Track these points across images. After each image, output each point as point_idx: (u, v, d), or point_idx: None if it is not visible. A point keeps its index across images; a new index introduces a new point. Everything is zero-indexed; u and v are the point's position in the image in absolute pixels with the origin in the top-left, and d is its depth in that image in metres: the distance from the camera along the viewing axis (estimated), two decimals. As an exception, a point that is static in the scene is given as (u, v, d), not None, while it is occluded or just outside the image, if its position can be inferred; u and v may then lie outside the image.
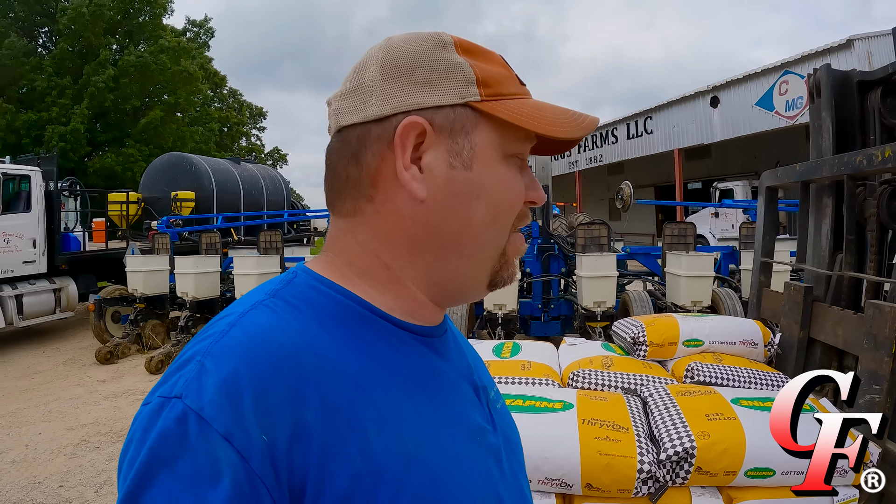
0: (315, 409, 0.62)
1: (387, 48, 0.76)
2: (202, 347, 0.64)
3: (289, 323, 0.68)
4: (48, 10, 28.86)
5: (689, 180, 26.71)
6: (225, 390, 0.59)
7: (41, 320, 10.84)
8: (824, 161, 3.42)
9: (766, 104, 18.07)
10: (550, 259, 8.78)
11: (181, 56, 30.58)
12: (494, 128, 0.75)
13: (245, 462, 0.57)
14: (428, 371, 0.77)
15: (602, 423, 2.25)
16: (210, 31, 36.64)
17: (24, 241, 10.33)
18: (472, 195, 0.74)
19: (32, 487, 4.92)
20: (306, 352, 0.65)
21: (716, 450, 2.16)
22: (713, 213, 19.41)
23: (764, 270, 4.13)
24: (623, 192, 9.17)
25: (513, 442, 0.90)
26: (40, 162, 11.38)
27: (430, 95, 0.73)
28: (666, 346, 3.20)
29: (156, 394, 0.62)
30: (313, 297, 0.73)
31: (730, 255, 9.12)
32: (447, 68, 0.74)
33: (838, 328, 3.14)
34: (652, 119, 24.93)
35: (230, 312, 0.70)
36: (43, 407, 7.09)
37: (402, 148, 0.72)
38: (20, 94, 28.09)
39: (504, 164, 0.77)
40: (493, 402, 0.89)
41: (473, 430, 0.78)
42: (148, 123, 29.54)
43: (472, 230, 0.75)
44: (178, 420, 0.58)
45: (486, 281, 0.80)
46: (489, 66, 0.77)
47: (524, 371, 2.87)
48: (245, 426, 0.58)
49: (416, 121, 0.72)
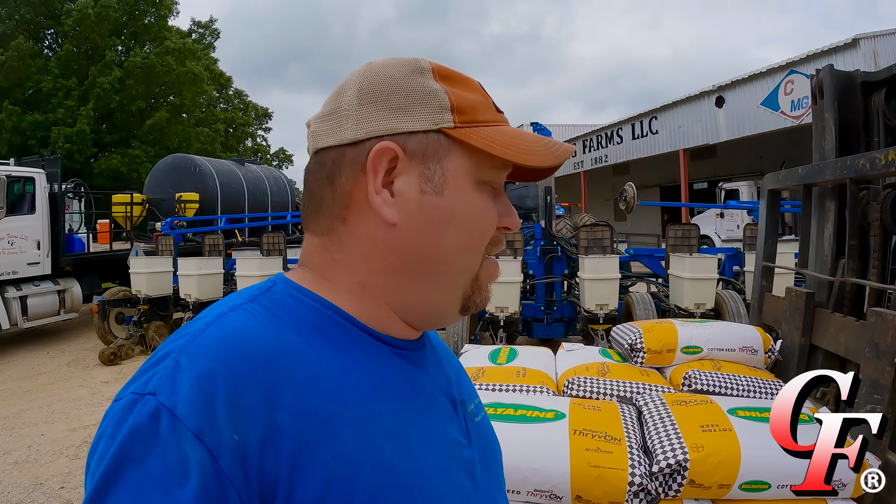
0: (289, 412, 0.62)
1: (365, 73, 0.77)
2: (178, 345, 0.64)
3: (265, 327, 0.68)
4: (54, 11, 29.03)
5: (694, 181, 26.65)
6: (198, 388, 0.59)
7: (45, 321, 10.84)
8: (827, 164, 3.37)
9: (772, 104, 17.99)
10: (553, 261, 8.71)
11: (186, 57, 30.75)
12: (467, 154, 0.76)
13: (214, 461, 0.57)
14: (405, 381, 0.77)
15: (594, 434, 2.20)
16: (215, 32, 36.82)
17: (28, 243, 10.33)
18: (444, 221, 0.75)
19: (34, 489, 4.94)
20: (282, 355, 0.65)
21: (710, 462, 2.11)
22: (718, 213, 19.34)
23: (766, 275, 4.07)
24: (626, 194, 9.10)
25: (490, 457, 0.89)
26: (44, 164, 11.38)
27: (404, 121, 0.74)
28: (664, 353, 3.15)
29: (128, 390, 0.62)
30: (291, 304, 0.73)
31: (734, 256, 9.00)
32: (423, 94, 0.75)
33: (840, 335, 3.08)
34: (657, 119, 24.88)
35: (207, 314, 0.70)
36: (46, 408, 7.10)
37: (373, 172, 0.73)
38: (26, 95, 28.23)
39: (476, 190, 0.77)
40: (471, 415, 0.89)
41: (448, 443, 0.78)
42: (154, 124, 29.71)
43: (444, 255, 0.76)
44: (150, 417, 0.58)
45: (458, 306, 0.80)
46: (465, 93, 0.78)
47: (519, 378, 2.83)
48: (216, 425, 0.58)
49: (388, 146, 0.73)
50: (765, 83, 18.40)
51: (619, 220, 27.84)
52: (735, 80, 19.78)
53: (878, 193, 3.18)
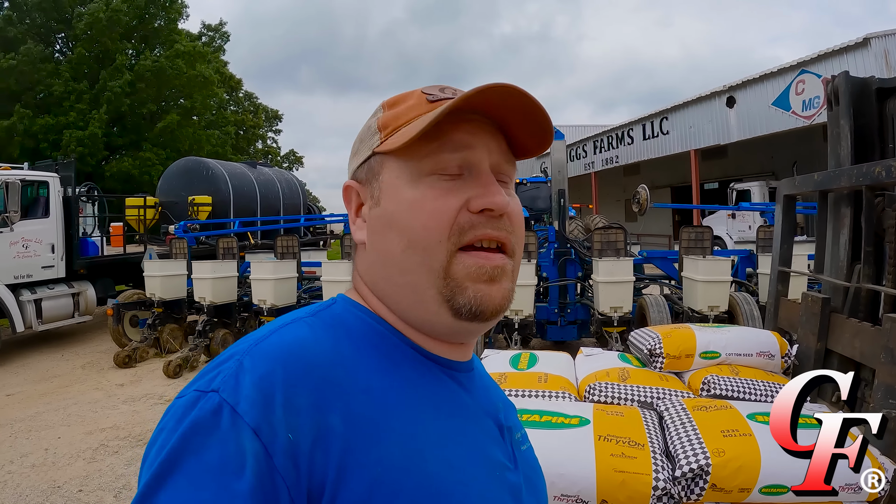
0: (339, 416, 0.66)
1: None
2: (242, 349, 0.69)
3: (323, 339, 0.73)
4: (64, 16, 29.17)
5: (705, 181, 26.52)
6: (259, 388, 0.63)
7: (60, 324, 10.91)
8: (843, 171, 3.40)
9: (783, 104, 17.89)
10: (567, 263, 8.74)
11: (197, 60, 30.83)
12: (397, 159, 0.81)
13: (269, 457, 0.60)
14: (452, 400, 0.80)
15: (618, 440, 2.26)
16: (225, 35, 36.90)
17: (42, 247, 10.43)
18: (385, 227, 0.80)
19: (52, 491, 4.97)
20: (337, 365, 0.70)
21: (731, 467, 2.16)
22: (730, 214, 19.20)
23: (781, 280, 4.10)
24: (640, 196, 9.10)
25: (536, 485, 0.91)
26: (58, 168, 11.45)
27: (356, 161, 0.87)
28: (682, 359, 3.19)
29: (192, 388, 0.66)
30: (349, 320, 0.79)
31: (747, 258, 9.00)
32: (365, 133, 0.87)
33: (856, 340, 3.13)
34: (668, 120, 24.75)
35: (272, 325, 0.75)
36: (62, 411, 7.14)
37: (347, 206, 0.88)
38: (37, 99, 28.36)
39: (413, 187, 0.79)
40: (517, 443, 0.91)
41: (493, 464, 0.79)
42: (164, 127, 29.83)
43: (394, 258, 0.79)
44: (213, 411, 0.62)
45: (444, 310, 0.78)
46: (397, 109, 0.84)
47: (541, 384, 2.88)
48: (273, 423, 0.62)
49: (348, 184, 0.88)
50: (776, 83, 18.30)
51: (630, 221, 27.79)
52: (746, 80, 19.67)
53: (893, 200, 3.22)
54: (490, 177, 0.80)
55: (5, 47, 26.68)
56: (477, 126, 0.80)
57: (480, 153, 0.80)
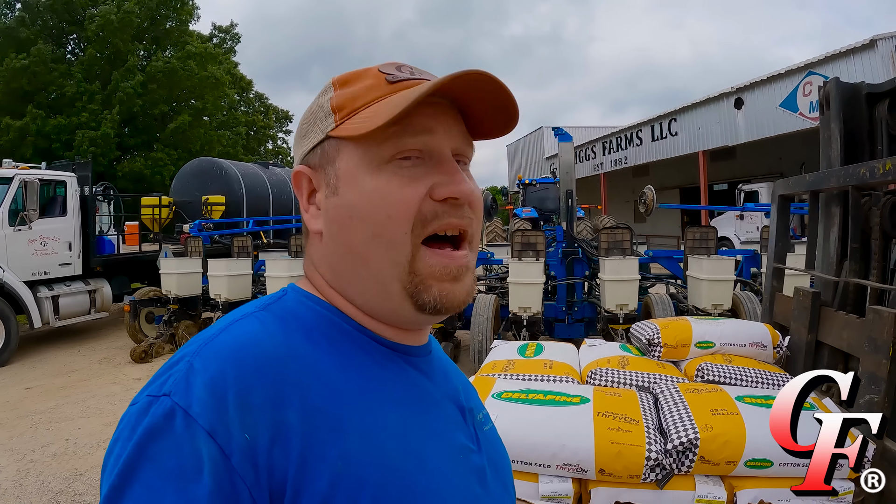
0: (297, 411, 0.65)
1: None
2: (192, 350, 0.67)
3: (275, 333, 0.71)
4: (76, 17, 29.33)
5: (714, 182, 26.55)
6: (211, 389, 0.62)
7: (76, 320, 11.15)
8: (832, 172, 3.58)
9: (790, 105, 17.92)
10: (574, 262, 8.85)
11: (208, 62, 30.96)
12: (354, 145, 0.77)
13: (226, 458, 0.60)
14: (412, 387, 0.79)
15: (615, 416, 2.47)
16: (236, 36, 37.03)
17: (60, 244, 10.65)
18: (345, 217, 0.77)
19: (74, 479, 5.10)
20: (290, 359, 0.69)
21: (718, 441, 2.37)
22: (738, 215, 19.27)
23: (776, 276, 4.29)
24: (646, 197, 9.23)
25: (499, 465, 0.90)
26: (75, 167, 11.68)
27: (307, 144, 0.82)
28: (679, 348, 3.39)
29: (144, 393, 0.65)
30: (300, 311, 0.77)
31: (751, 258, 9.15)
32: (316, 113, 0.82)
33: (843, 332, 3.30)
34: (676, 121, 24.81)
35: (221, 322, 0.73)
36: (81, 403, 7.28)
37: (298, 194, 0.83)
38: (49, 99, 28.60)
39: (373, 175, 0.76)
40: (479, 423, 0.91)
41: (456, 448, 0.80)
42: (176, 128, 29.92)
43: (357, 250, 0.77)
44: (165, 416, 0.60)
45: (408, 304, 0.77)
46: (353, 87, 0.79)
47: (546, 370, 3.09)
48: (227, 424, 0.61)
49: (297, 170, 0.83)
50: (783, 85, 18.35)
51: (638, 221, 27.83)
52: (754, 81, 19.73)
53: (878, 200, 3.40)
54: (453, 163, 0.78)
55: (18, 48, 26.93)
56: (439, 109, 0.77)
57: (442, 138, 0.78)
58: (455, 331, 8.50)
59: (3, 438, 6.24)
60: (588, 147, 32.93)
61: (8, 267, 9.83)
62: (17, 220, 9.99)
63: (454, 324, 8.29)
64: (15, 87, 26.79)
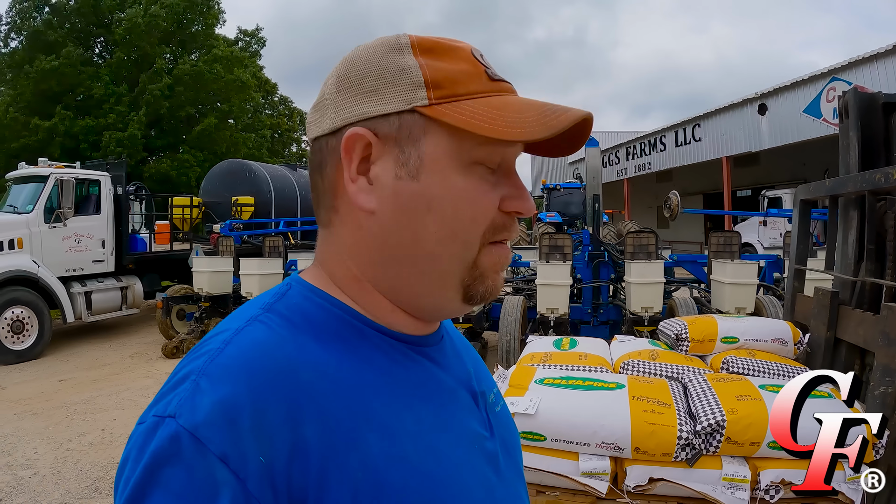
0: (314, 425, 0.62)
1: (345, 58, 0.75)
2: (197, 366, 0.63)
3: (284, 338, 0.67)
4: (103, 20, 29.80)
5: (737, 188, 26.49)
6: (221, 411, 0.58)
7: (108, 316, 11.59)
8: (849, 178, 3.76)
9: (814, 111, 17.91)
10: (600, 266, 9.01)
11: (234, 65, 31.33)
12: (448, 134, 0.70)
13: (242, 483, 0.57)
14: (425, 380, 0.77)
15: (649, 400, 2.71)
16: (261, 40, 37.42)
17: (93, 242, 11.12)
18: (421, 208, 0.71)
19: (112, 467, 5.27)
20: (303, 367, 0.65)
21: (742, 423, 2.58)
22: (761, 221, 19.17)
23: (797, 277, 4.48)
24: (671, 202, 9.35)
25: (510, 446, 0.89)
26: (109, 167, 12.15)
27: (374, 104, 0.71)
28: (705, 342, 3.61)
29: (150, 412, 0.61)
30: (308, 308, 0.73)
31: (774, 263, 9.26)
32: (394, 73, 0.71)
33: (859, 328, 3.46)
34: (700, 126, 24.85)
35: (225, 328, 0.69)
36: (115, 396, 7.56)
37: (347, 160, 0.72)
38: (77, 101, 29.08)
39: (463, 173, 0.72)
40: (491, 405, 0.89)
41: (471, 437, 0.78)
42: (202, 130, 30.20)
43: (426, 245, 0.72)
44: (171, 439, 0.57)
45: (458, 296, 0.76)
46: (448, 65, 0.72)
47: (581, 360, 3.33)
48: (242, 448, 0.57)
49: (357, 132, 0.71)
50: (807, 90, 18.35)
51: (662, 227, 27.82)
52: (777, 87, 19.72)
53: (893, 204, 3.59)
54: (519, 178, 0.78)
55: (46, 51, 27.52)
56: None
57: (515, 151, 0.76)
58: (483, 331, 8.68)
59: (40, 427, 6.46)
60: (612, 152, 32.94)
61: (43, 263, 10.21)
62: (52, 217, 10.40)
63: (482, 324, 8.46)
64: (44, 88, 27.30)
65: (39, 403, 7.40)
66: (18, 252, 10.03)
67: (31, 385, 8.35)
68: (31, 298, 9.97)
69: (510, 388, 2.93)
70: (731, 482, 2.54)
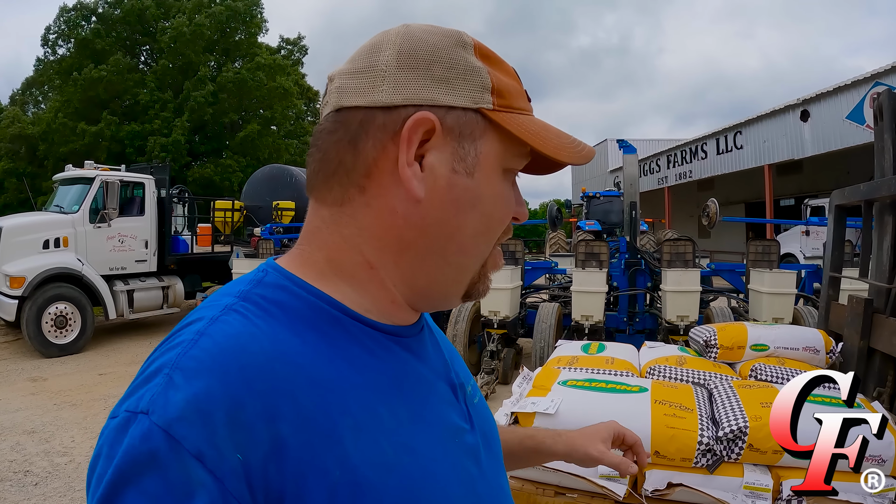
0: (290, 423, 0.60)
1: (406, 35, 0.73)
2: (170, 359, 0.61)
3: (259, 329, 0.65)
4: (149, 29, 30.80)
5: (780, 196, 26.04)
6: (195, 407, 0.57)
7: (149, 314, 11.93)
8: (883, 181, 3.69)
9: (857, 117, 17.43)
10: (637, 274, 9.00)
11: (277, 73, 31.89)
12: (500, 139, 0.74)
13: (219, 482, 0.56)
14: (404, 374, 0.76)
15: (671, 404, 2.69)
16: (304, 48, 37.96)
17: (137, 242, 11.49)
18: (469, 203, 0.73)
19: None
20: (279, 361, 0.63)
21: (766, 431, 2.54)
22: (804, 231, 18.81)
23: (832, 285, 4.40)
24: (709, 210, 9.28)
25: (490, 437, 0.90)
26: (153, 170, 12.56)
27: (445, 94, 0.71)
28: (735, 349, 3.57)
29: (122, 407, 0.60)
30: (284, 298, 0.71)
31: (814, 273, 9.09)
32: (465, 70, 0.72)
33: (894, 337, 3.40)
34: (742, 134, 24.42)
35: (198, 317, 0.67)
36: None
37: (408, 142, 0.70)
38: (123, 107, 29.95)
39: (501, 176, 0.77)
40: (470, 397, 0.89)
41: (451, 431, 0.78)
42: (245, 136, 30.96)
43: (462, 238, 0.75)
44: (143, 437, 0.55)
45: (463, 290, 0.80)
46: (504, 77, 0.76)
47: (608, 365, 3.32)
48: (218, 445, 0.56)
49: (427, 117, 0.70)
50: (850, 96, 17.91)
51: (702, 236, 27.49)
52: (820, 92, 19.29)
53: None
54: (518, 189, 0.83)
55: (94, 58, 28.30)
56: None
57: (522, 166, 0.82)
58: (518, 337, 8.70)
59: (78, 417, 6.72)
60: (652, 160, 32.63)
61: (87, 261, 10.56)
62: (97, 217, 10.77)
63: (517, 331, 8.48)
64: (91, 94, 28.36)
65: (79, 395, 7.67)
66: (64, 250, 10.37)
67: (72, 378, 8.61)
68: (74, 295, 10.31)
69: (533, 388, 2.94)
70: (752, 490, 2.51)
